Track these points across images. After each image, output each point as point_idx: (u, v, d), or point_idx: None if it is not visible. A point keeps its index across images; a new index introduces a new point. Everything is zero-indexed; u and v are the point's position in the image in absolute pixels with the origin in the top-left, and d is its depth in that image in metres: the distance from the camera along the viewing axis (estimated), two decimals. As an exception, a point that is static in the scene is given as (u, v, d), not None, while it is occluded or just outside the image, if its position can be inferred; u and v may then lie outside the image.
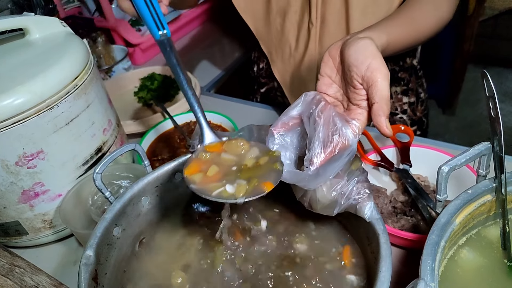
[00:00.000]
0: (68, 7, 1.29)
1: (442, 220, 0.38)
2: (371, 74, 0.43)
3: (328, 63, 0.49)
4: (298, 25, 0.82)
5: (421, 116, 0.94)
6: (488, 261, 0.41)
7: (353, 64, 0.44)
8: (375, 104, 0.43)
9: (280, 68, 0.90)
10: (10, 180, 0.54)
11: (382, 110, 0.42)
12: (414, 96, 0.91)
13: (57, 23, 0.64)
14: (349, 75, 0.45)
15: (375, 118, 0.43)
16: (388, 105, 0.43)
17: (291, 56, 0.86)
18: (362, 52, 0.44)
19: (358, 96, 0.45)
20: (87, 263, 0.40)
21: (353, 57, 0.44)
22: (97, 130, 0.62)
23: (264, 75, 1.00)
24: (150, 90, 0.98)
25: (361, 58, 0.44)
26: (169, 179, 0.51)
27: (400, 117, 0.91)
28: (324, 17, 0.78)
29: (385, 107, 0.42)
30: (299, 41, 0.84)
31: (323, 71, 0.49)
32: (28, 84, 0.51)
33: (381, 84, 0.42)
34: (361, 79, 0.44)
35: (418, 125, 0.94)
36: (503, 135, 0.39)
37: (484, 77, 0.38)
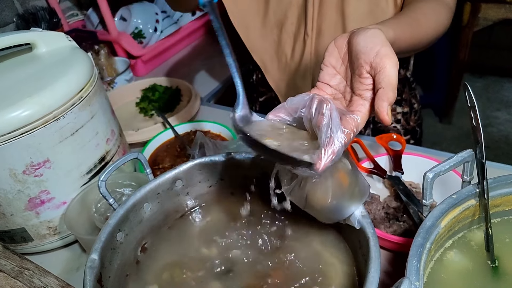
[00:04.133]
0: (71, 21, 1.33)
1: (428, 224, 0.40)
2: (380, 60, 0.41)
3: (333, 53, 0.48)
4: (294, 36, 0.85)
5: (415, 126, 0.97)
6: (473, 263, 0.43)
7: (361, 51, 0.43)
8: (381, 89, 0.41)
9: (275, 78, 0.93)
10: (17, 188, 0.57)
11: (387, 96, 0.40)
12: (407, 106, 0.94)
13: (63, 37, 0.67)
14: (357, 63, 0.44)
15: (377, 102, 0.41)
16: (394, 93, 0.41)
17: (287, 65, 0.89)
18: (372, 40, 0.43)
19: (363, 85, 0.43)
20: (92, 266, 0.42)
21: (362, 44, 0.43)
22: (101, 140, 0.64)
23: (263, 84, 1.03)
24: (152, 101, 1.01)
25: (370, 45, 0.43)
26: (170, 186, 0.53)
27: (393, 126, 0.94)
28: (320, 29, 0.81)
29: (390, 94, 0.41)
30: (295, 51, 0.87)
31: (327, 61, 0.48)
32: (35, 97, 0.54)
33: (390, 70, 0.41)
34: (369, 66, 0.42)
35: (412, 134, 0.97)
36: (500, 142, 0.42)
37: (466, 89, 0.41)
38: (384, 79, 0.41)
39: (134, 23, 1.23)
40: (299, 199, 0.44)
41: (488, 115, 2.32)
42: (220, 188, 0.57)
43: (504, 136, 2.18)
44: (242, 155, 0.54)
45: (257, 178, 0.56)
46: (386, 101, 0.40)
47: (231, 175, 0.56)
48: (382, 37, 0.44)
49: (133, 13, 1.23)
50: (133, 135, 0.87)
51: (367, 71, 0.43)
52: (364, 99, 0.43)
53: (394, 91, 0.41)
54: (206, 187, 0.57)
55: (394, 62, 0.42)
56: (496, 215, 0.46)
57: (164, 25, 1.27)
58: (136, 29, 1.23)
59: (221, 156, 0.54)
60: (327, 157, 0.37)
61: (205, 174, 0.55)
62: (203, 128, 0.87)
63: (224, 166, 0.55)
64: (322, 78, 0.48)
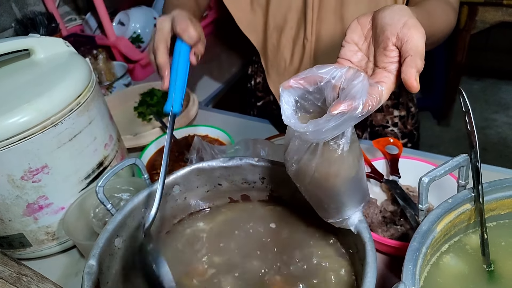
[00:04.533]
0: (70, 25, 1.33)
1: (423, 228, 0.40)
2: (408, 31, 0.41)
3: (356, 30, 0.47)
4: (293, 40, 0.86)
5: (412, 129, 0.97)
6: (469, 267, 0.43)
7: (388, 23, 0.43)
8: (409, 57, 0.40)
9: (275, 82, 0.93)
10: (15, 194, 0.57)
11: (415, 63, 0.40)
12: (404, 110, 0.94)
13: (61, 43, 0.68)
14: (382, 37, 0.43)
15: (406, 69, 0.40)
16: (422, 61, 0.41)
17: (286, 70, 0.90)
18: (398, 12, 0.43)
19: (387, 58, 0.43)
20: (90, 272, 0.42)
21: (389, 17, 0.43)
22: (99, 145, 0.64)
23: (261, 89, 1.04)
24: (150, 105, 1.01)
25: (397, 17, 0.42)
26: (167, 192, 0.54)
27: (391, 130, 0.94)
28: (319, 34, 0.82)
29: (419, 61, 0.40)
30: (294, 56, 0.87)
31: (350, 38, 0.47)
32: (34, 103, 0.54)
33: (418, 40, 0.41)
34: (395, 37, 0.42)
35: (409, 137, 0.97)
36: (498, 145, 0.42)
37: (460, 94, 0.41)
38: (412, 47, 0.40)
39: (132, 28, 1.23)
40: (303, 176, 0.42)
41: (486, 118, 2.33)
42: (218, 193, 0.57)
43: (502, 138, 2.19)
44: (239, 159, 0.54)
45: (256, 182, 0.56)
46: (414, 68, 0.40)
47: (229, 180, 0.56)
48: (408, 11, 0.44)
49: (131, 18, 1.24)
50: (131, 140, 0.87)
51: (393, 43, 0.42)
52: (388, 71, 0.42)
53: (422, 60, 0.41)
54: (204, 192, 0.57)
55: (421, 32, 0.42)
56: (492, 219, 0.46)
57: (162, 30, 1.28)
58: (134, 34, 1.23)
59: (219, 161, 0.55)
60: (345, 105, 0.36)
61: (202, 179, 0.56)
62: (201, 133, 0.87)
63: (221, 171, 0.55)
64: (344, 55, 0.47)
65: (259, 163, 0.54)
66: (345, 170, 0.41)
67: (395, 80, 0.42)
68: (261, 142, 0.70)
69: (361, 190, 0.44)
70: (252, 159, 0.54)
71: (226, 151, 0.70)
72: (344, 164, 0.40)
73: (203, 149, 0.69)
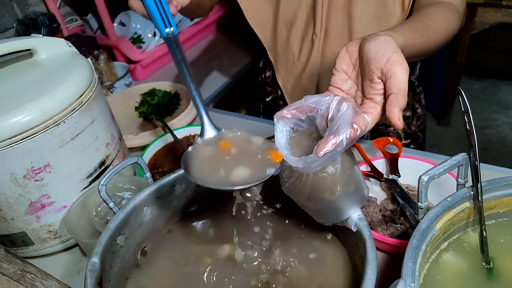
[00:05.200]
0: (71, 26, 1.34)
1: (423, 226, 0.41)
2: (391, 67, 0.43)
3: (345, 58, 0.49)
4: (302, 36, 0.88)
5: (416, 131, 0.97)
6: (468, 264, 0.43)
7: (372, 57, 0.44)
8: (392, 95, 0.42)
9: (283, 77, 0.95)
10: (18, 193, 0.57)
11: (397, 101, 0.42)
12: (409, 110, 0.95)
13: (63, 43, 0.68)
14: (368, 69, 0.45)
15: (389, 108, 0.42)
16: (405, 98, 0.42)
17: (294, 65, 0.91)
18: (383, 46, 0.44)
19: (374, 90, 0.44)
20: (92, 269, 0.42)
21: (373, 50, 0.44)
22: (101, 145, 0.65)
23: (270, 83, 1.05)
24: (151, 105, 1.02)
25: (381, 51, 0.44)
26: (169, 190, 0.54)
27: (393, 129, 0.94)
28: (327, 30, 0.83)
29: (401, 99, 0.42)
30: (302, 51, 0.88)
31: (339, 67, 0.49)
32: (36, 102, 0.55)
33: (401, 76, 0.42)
34: (380, 72, 0.44)
35: (412, 138, 0.97)
36: (498, 144, 0.42)
37: (459, 94, 0.41)
38: (395, 85, 0.42)
39: (133, 28, 1.24)
40: (299, 195, 0.44)
41: (486, 117, 2.34)
42: (219, 191, 0.58)
43: (502, 138, 2.19)
44: (240, 159, 0.55)
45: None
46: (397, 106, 0.42)
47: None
48: (393, 44, 0.45)
49: (132, 18, 1.24)
50: (133, 139, 0.87)
51: (378, 77, 0.44)
52: (375, 103, 0.44)
53: (404, 97, 0.42)
54: (205, 191, 0.57)
55: (404, 68, 0.43)
56: (491, 217, 0.46)
57: (163, 30, 1.28)
58: (135, 34, 1.24)
59: (220, 160, 0.55)
60: (330, 144, 0.38)
61: (204, 178, 0.56)
62: (202, 132, 0.87)
63: (222, 170, 0.55)
64: (334, 83, 0.49)
65: (260, 162, 0.54)
66: (339, 186, 0.42)
67: (381, 111, 0.44)
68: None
69: (359, 196, 0.45)
70: (253, 158, 0.55)
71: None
72: (337, 182, 0.42)
73: (204, 148, 0.69)
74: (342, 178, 0.42)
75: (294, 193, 0.45)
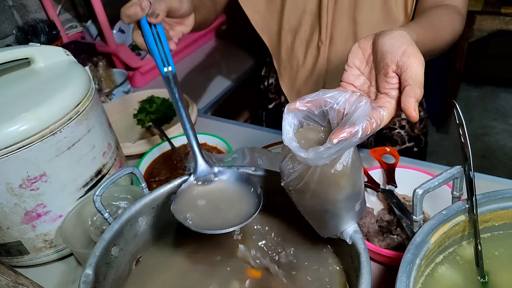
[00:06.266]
0: (70, 33, 1.34)
1: (418, 239, 0.41)
2: (407, 59, 0.42)
3: (357, 54, 0.48)
4: (307, 42, 0.88)
5: (419, 134, 0.98)
6: (463, 278, 0.43)
7: (387, 50, 0.44)
8: (408, 86, 0.41)
9: (287, 83, 0.95)
10: (14, 202, 0.57)
11: (414, 92, 0.41)
12: None
13: (61, 52, 0.68)
14: (382, 63, 0.44)
15: (404, 99, 0.41)
16: (421, 90, 0.41)
17: (299, 71, 0.92)
18: (398, 39, 0.44)
19: (388, 84, 0.44)
20: (86, 281, 0.42)
21: (388, 43, 0.44)
22: (97, 154, 0.65)
23: (273, 90, 1.05)
24: (149, 113, 1.02)
25: (397, 44, 0.43)
26: (164, 200, 0.54)
27: (397, 132, 0.95)
28: (333, 36, 0.84)
29: (417, 91, 0.41)
30: (307, 58, 0.89)
31: (351, 62, 0.48)
32: (33, 111, 0.55)
33: (417, 68, 0.42)
34: (395, 65, 0.43)
35: (416, 142, 0.98)
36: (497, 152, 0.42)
37: (454, 106, 0.41)
38: (411, 76, 0.41)
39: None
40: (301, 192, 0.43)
41: (485, 125, 2.34)
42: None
43: (500, 145, 2.19)
44: (237, 169, 0.55)
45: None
46: (413, 97, 0.41)
47: (226, 189, 0.56)
48: (408, 37, 0.45)
49: (131, 26, 1.24)
50: (130, 147, 0.87)
51: (393, 70, 0.43)
52: (390, 97, 0.43)
53: (421, 88, 0.41)
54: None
55: (420, 60, 0.42)
56: (486, 230, 0.46)
57: (162, 37, 1.29)
58: (134, 41, 1.24)
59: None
60: (345, 133, 0.37)
61: (200, 188, 0.56)
62: (200, 141, 0.87)
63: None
64: (347, 79, 0.48)
65: (256, 172, 0.54)
66: (347, 185, 0.41)
67: (396, 106, 0.43)
68: (258, 150, 0.71)
69: (360, 204, 0.44)
70: (249, 169, 0.55)
71: (223, 160, 0.70)
72: (346, 180, 0.41)
73: (201, 157, 0.69)
74: (351, 178, 0.41)
75: (296, 190, 0.43)
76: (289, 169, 0.42)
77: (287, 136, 0.41)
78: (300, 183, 0.42)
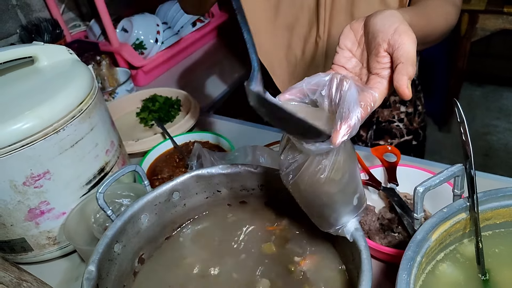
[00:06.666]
0: (74, 32, 1.35)
1: (418, 237, 0.41)
2: (399, 37, 0.42)
3: (349, 35, 0.48)
4: (304, 38, 0.88)
5: (418, 128, 0.98)
6: (464, 276, 0.43)
7: (379, 30, 0.43)
8: (400, 64, 0.41)
9: (284, 79, 0.94)
10: (17, 199, 0.58)
11: (406, 70, 0.40)
12: (412, 106, 0.96)
13: (64, 51, 0.69)
14: (374, 43, 0.44)
15: (397, 77, 0.41)
16: (413, 68, 0.41)
17: (296, 66, 0.91)
18: (389, 18, 0.44)
19: (380, 64, 0.43)
20: (89, 277, 0.43)
21: (380, 23, 0.44)
22: (100, 151, 0.65)
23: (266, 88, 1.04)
24: (152, 111, 1.02)
25: (388, 23, 0.43)
26: (167, 198, 0.54)
27: (396, 125, 0.95)
28: (330, 31, 0.84)
29: (410, 68, 0.41)
30: (305, 53, 0.89)
31: (343, 44, 0.48)
32: (36, 110, 0.55)
33: (409, 46, 0.41)
34: (387, 43, 0.42)
35: (414, 135, 0.98)
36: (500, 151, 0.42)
37: (455, 105, 0.41)
38: (403, 54, 0.41)
39: (135, 34, 1.25)
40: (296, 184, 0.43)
41: (488, 124, 2.33)
42: (217, 199, 0.58)
43: (503, 144, 2.18)
44: (238, 167, 0.55)
45: (254, 189, 0.57)
46: (406, 75, 0.40)
47: (228, 187, 0.57)
48: (399, 16, 0.44)
49: (134, 25, 1.25)
50: (133, 145, 0.88)
51: (385, 49, 0.43)
52: (381, 77, 0.43)
53: (413, 66, 0.41)
54: (203, 199, 0.58)
55: (412, 38, 0.42)
56: (487, 228, 0.46)
57: (165, 36, 1.29)
58: (137, 40, 1.25)
59: (218, 168, 0.55)
60: (344, 130, 0.37)
61: (202, 185, 0.56)
62: (202, 139, 0.88)
63: (220, 178, 0.56)
64: (338, 61, 0.48)
65: (258, 170, 0.55)
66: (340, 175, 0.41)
67: (388, 86, 0.43)
68: (260, 148, 0.71)
69: (358, 198, 0.45)
70: (251, 166, 0.55)
71: (225, 158, 0.71)
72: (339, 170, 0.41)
73: (203, 155, 0.70)
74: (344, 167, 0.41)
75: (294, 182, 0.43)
76: (290, 159, 0.42)
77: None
78: (297, 174, 0.41)
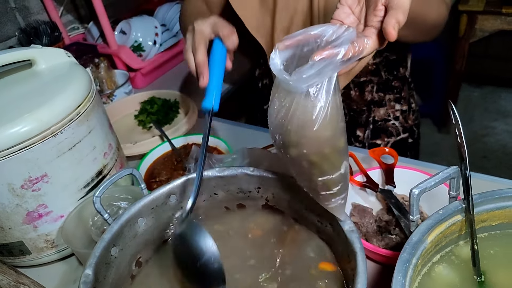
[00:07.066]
0: (72, 34, 1.35)
1: (414, 239, 0.41)
2: None
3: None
4: None
5: (412, 125, 0.99)
6: (459, 278, 0.44)
7: None
8: (391, 10, 0.41)
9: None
10: (15, 202, 0.58)
11: (396, 15, 0.41)
12: (406, 104, 0.97)
13: (62, 54, 0.69)
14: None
15: (386, 19, 0.41)
16: (404, 16, 0.41)
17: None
18: None
19: (376, 17, 0.44)
20: (86, 281, 0.43)
21: None
22: (98, 154, 0.65)
23: (267, 91, 1.05)
24: (150, 114, 1.02)
25: None
26: (164, 201, 0.54)
27: (392, 123, 0.96)
28: None
29: (400, 15, 0.41)
30: None
31: (344, 0, 0.49)
32: (34, 113, 0.55)
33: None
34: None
35: (410, 133, 0.99)
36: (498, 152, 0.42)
37: (450, 106, 0.42)
38: (397, 2, 0.41)
39: (133, 37, 1.25)
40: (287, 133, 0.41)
41: (486, 125, 2.33)
42: (214, 202, 0.58)
43: (502, 146, 2.19)
44: (235, 169, 0.55)
45: (251, 192, 0.57)
46: (393, 19, 0.41)
47: (225, 190, 0.57)
48: None
49: (132, 27, 1.25)
50: (131, 148, 0.88)
51: (382, 3, 0.44)
52: (375, 28, 0.44)
53: (404, 14, 0.41)
54: (200, 202, 0.58)
55: None
56: (483, 230, 0.47)
57: (163, 38, 1.29)
58: (136, 42, 1.25)
59: (214, 171, 0.55)
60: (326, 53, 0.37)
61: (199, 188, 0.56)
62: (200, 141, 0.88)
63: (217, 180, 0.56)
64: (337, 16, 0.49)
65: (254, 173, 0.55)
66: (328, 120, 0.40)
67: (378, 37, 0.43)
68: (258, 151, 0.71)
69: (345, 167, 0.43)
70: (248, 169, 0.55)
71: (223, 161, 0.71)
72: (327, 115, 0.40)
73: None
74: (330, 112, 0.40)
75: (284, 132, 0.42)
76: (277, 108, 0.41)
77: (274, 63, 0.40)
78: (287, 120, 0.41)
